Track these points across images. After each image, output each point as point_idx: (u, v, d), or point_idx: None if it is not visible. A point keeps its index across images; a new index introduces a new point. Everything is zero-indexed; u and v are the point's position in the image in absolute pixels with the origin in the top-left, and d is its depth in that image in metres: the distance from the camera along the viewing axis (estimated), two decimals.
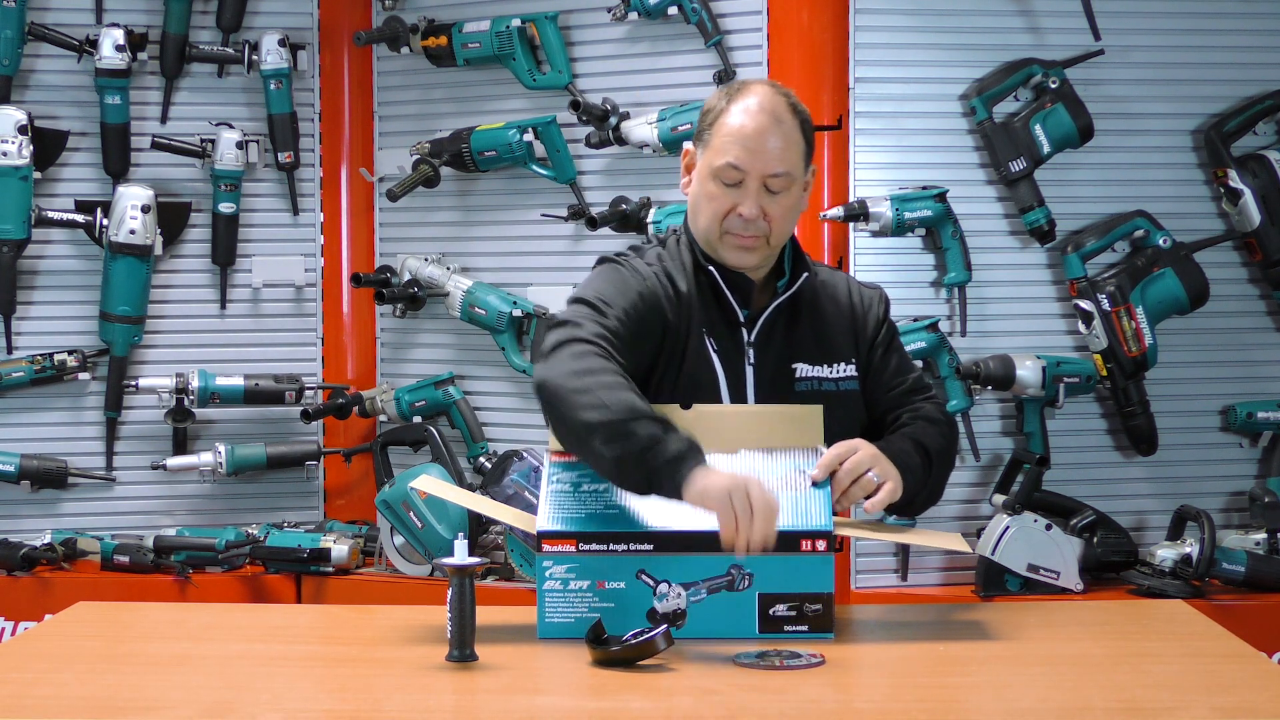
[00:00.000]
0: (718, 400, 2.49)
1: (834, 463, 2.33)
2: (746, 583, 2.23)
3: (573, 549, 2.23)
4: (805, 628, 2.23)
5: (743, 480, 2.19)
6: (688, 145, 2.60)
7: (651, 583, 2.23)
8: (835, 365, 2.56)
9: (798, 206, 2.56)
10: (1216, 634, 2.32)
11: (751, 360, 2.53)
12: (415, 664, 2.14)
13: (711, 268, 2.54)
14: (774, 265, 2.59)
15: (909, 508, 2.53)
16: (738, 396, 2.51)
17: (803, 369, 2.54)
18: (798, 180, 2.53)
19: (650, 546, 2.23)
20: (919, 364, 3.70)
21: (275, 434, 4.19)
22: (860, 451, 2.35)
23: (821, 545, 2.23)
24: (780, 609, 2.23)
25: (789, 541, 2.22)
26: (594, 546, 2.23)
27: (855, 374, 2.57)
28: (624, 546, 2.23)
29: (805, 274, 2.58)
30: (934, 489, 2.54)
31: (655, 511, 2.25)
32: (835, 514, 2.29)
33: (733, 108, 2.52)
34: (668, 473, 2.22)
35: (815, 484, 2.30)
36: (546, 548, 2.24)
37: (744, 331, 2.53)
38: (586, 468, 2.29)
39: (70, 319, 4.12)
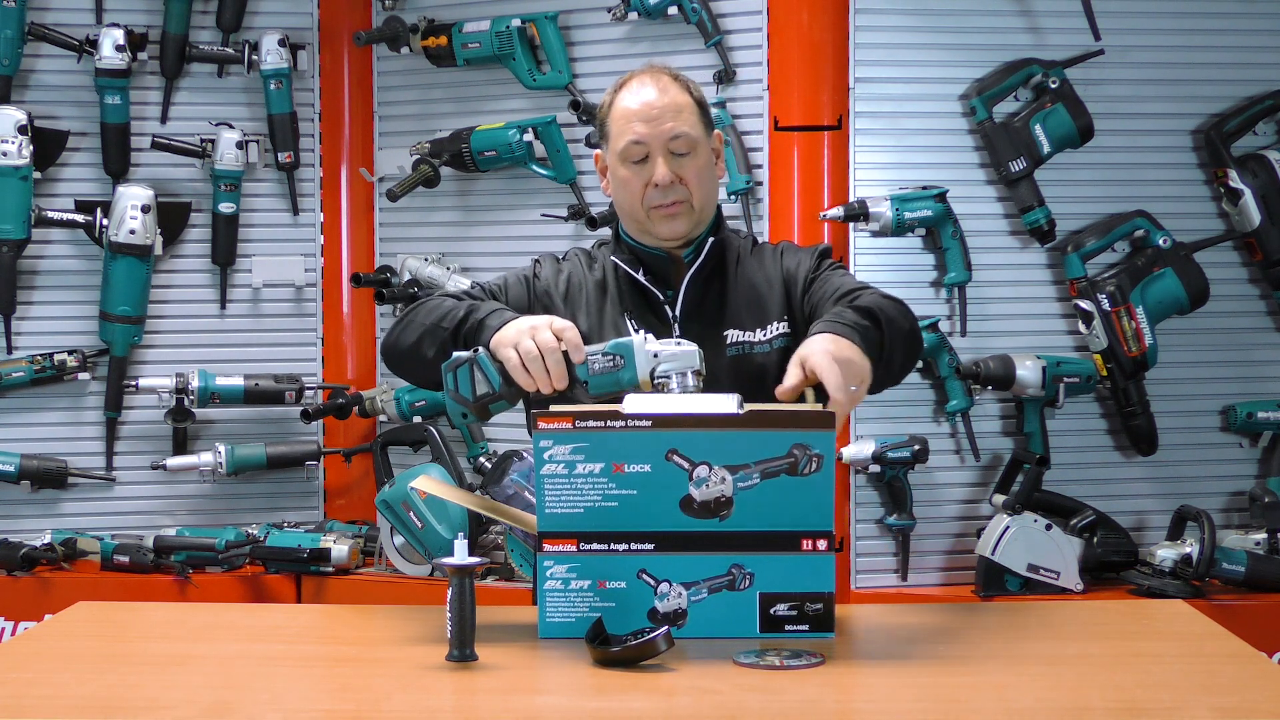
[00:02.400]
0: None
1: (799, 373, 2.26)
2: (747, 582, 2.23)
3: (573, 548, 2.23)
4: (806, 627, 2.23)
5: (536, 322, 2.32)
6: (597, 151, 2.68)
7: (652, 582, 2.23)
8: (767, 327, 2.58)
9: (710, 171, 2.63)
10: (1216, 634, 2.32)
11: (676, 335, 2.56)
12: (415, 664, 2.14)
13: (617, 260, 2.63)
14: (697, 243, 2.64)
15: (881, 377, 2.40)
16: None
17: (733, 334, 2.57)
18: (701, 142, 2.61)
19: (651, 546, 2.23)
20: (918, 362, 3.71)
21: (275, 434, 4.19)
22: (812, 354, 2.24)
23: (822, 545, 2.23)
24: (781, 608, 2.23)
25: (789, 541, 2.22)
26: (595, 546, 2.23)
27: (787, 330, 2.58)
28: (625, 546, 2.23)
29: (711, 239, 2.62)
30: (890, 354, 2.41)
31: (656, 506, 2.24)
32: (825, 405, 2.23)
33: (619, 96, 2.63)
34: (476, 336, 2.38)
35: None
36: (547, 547, 2.24)
37: (668, 309, 2.59)
38: (579, 442, 2.22)
39: (70, 319, 4.12)
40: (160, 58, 4.13)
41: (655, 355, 2.30)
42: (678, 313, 2.59)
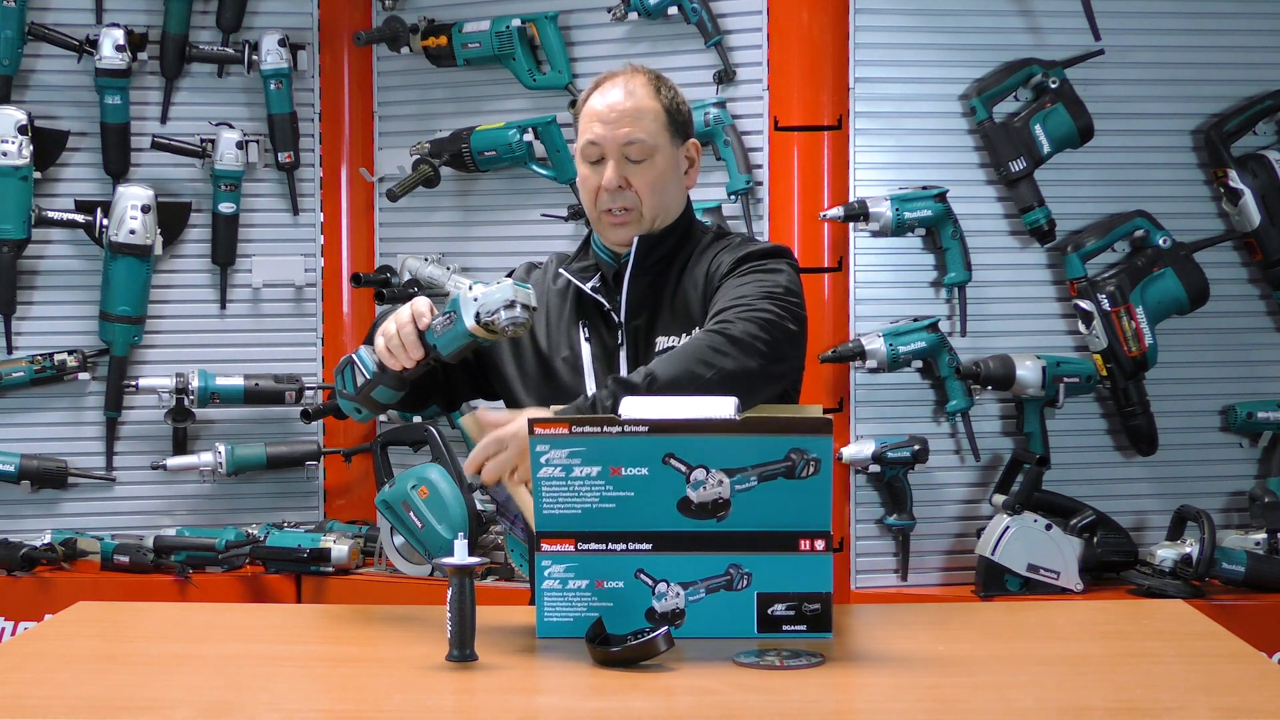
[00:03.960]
0: (580, 379, 2.55)
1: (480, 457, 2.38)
2: (745, 582, 2.23)
3: (571, 548, 2.23)
4: (804, 627, 2.23)
5: (400, 308, 2.42)
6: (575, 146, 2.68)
7: (650, 582, 2.23)
8: (694, 331, 2.52)
9: (670, 180, 2.59)
10: (1216, 634, 2.32)
11: (621, 342, 2.57)
12: (415, 664, 2.14)
13: (566, 271, 2.63)
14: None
15: None
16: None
17: (661, 341, 2.56)
18: (660, 150, 2.57)
19: (649, 546, 2.22)
20: (918, 362, 3.71)
21: (275, 434, 4.19)
22: (489, 438, 2.36)
23: (820, 545, 2.23)
24: (779, 608, 2.23)
25: (787, 541, 2.22)
26: (593, 546, 2.23)
27: None
28: (622, 546, 2.22)
29: (636, 239, 2.57)
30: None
31: (653, 507, 2.25)
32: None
33: (593, 94, 2.62)
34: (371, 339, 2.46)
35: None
36: (545, 547, 2.24)
37: (613, 315, 2.59)
38: (575, 447, 2.22)
39: (70, 319, 4.12)
40: (160, 58, 4.13)
41: (476, 299, 2.36)
42: (622, 319, 2.58)
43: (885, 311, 3.72)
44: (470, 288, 2.37)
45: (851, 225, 3.71)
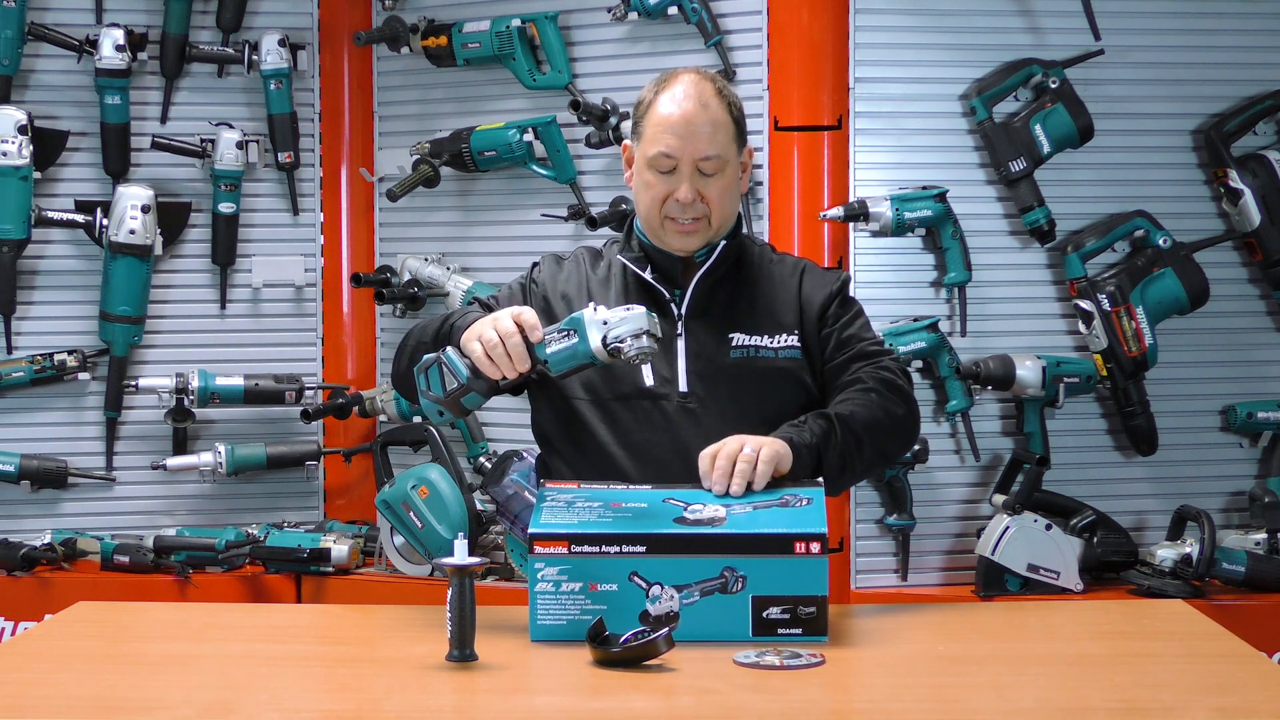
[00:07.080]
0: (638, 375, 2.57)
1: (710, 459, 2.37)
2: (740, 585, 2.23)
3: (564, 551, 2.23)
4: (799, 631, 2.23)
5: (497, 313, 2.37)
6: (626, 141, 2.70)
7: (644, 585, 2.23)
8: (776, 336, 2.61)
9: (735, 187, 2.65)
10: (1216, 634, 2.32)
11: (680, 333, 2.60)
12: (415, 664, 2.14)
13: (624, 259, 2.66)
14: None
15: (837, 480, 2.51)
16: (667, 369, 2.58)
17: (739, 338, 2.60)
18: (730, 162, 2.62)
19: (643, 548, 2.23)
20: (918, 362, 3.72)
21: (275, 434, 4.19)
22: (727, 443, 2.38)
23: (815, 548, 2.23)
24: (774, 612, 2.23)
25: (782, 544, 2.22)
26: (586, 548, 2.23)
27: (798, 344, 2.60)
28: (616, 548, 2.23)
29: (723, 243, 2.64)
30: (869, 460, 2.53)
31: (648, 514, 2.26)
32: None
33: (660, 98, 2.61)
34: (449, 341, 2.44)
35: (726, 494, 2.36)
36: (538, 549, 2.24)
37: (673, 308, 2.61)
38: (578, 491, 2.34)
39: (70, 319, 4.12)
40: (160, 58, 4.13)
41: (605, 323, 2.34)
42: (683, 312, 2.61)
43: (885, 311, 3.71)
44: (595, 308, 2.35)
45: (851, 225, 3.71)
